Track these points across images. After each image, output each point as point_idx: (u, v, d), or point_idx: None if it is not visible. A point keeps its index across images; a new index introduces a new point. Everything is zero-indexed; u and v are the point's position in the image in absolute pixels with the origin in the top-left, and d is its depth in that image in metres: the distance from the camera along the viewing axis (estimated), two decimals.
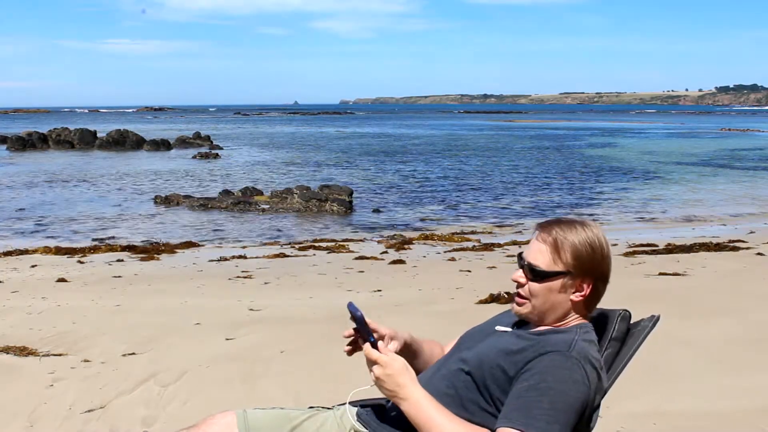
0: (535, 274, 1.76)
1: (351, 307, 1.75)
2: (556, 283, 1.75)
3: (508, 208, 15.58)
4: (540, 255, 1.76)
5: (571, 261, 1.74)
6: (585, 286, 1.76)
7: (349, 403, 1.97)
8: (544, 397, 1.58)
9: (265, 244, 11.18)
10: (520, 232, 12.22)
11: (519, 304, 1.81)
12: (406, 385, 1.66)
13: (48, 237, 11.79)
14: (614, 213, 14.82)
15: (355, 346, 1.84)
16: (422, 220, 13.91)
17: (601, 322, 1.88)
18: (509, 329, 1.86)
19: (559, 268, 1.74)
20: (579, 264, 1.74)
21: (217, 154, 30.25)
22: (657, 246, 9.62)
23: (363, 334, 1.73)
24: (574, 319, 1.80)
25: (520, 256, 1.83)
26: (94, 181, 20.57)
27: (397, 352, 1.80)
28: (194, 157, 29.36)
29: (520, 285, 1.80)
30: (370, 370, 1.70)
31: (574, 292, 1.76)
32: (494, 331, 1.87)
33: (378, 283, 7.19)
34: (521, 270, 1.80)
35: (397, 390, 1.66)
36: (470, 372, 1.74)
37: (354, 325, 1.77)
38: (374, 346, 1.71)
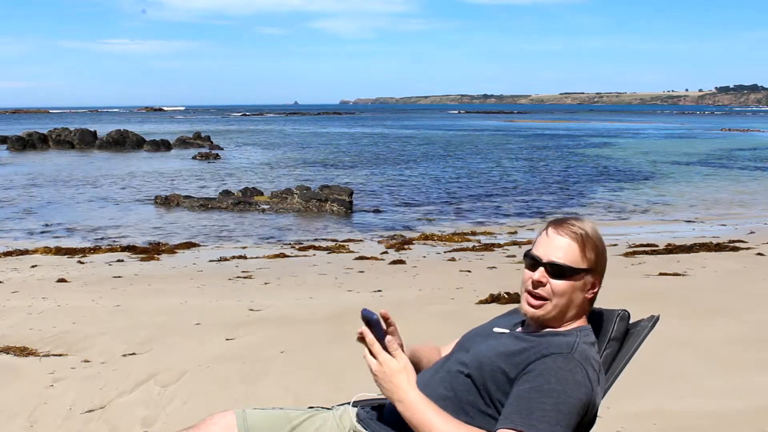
0: (562, 272, 1.72)
1: (366, 312, 1.69)
2: (580, 281, 1.74)
3: (508, 208, 15.57)
4: (566, 252, 1.73)
5: (593, 258, 1.74)
6: (597, 283, 1.78)
7: (350, 403, 1.97)
8: (546, 398, 1.57)
9: (265, 244, 11.19)
10: (517, 232, 12.21)
11: (536, 306, 1.75)
12: (401, 386, 1.64)
13: (48, 237, 11.79)
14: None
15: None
16: (422, 220, 13.90)
17: (600, 322, 1.88)
18: (507, 331, 1.85)
19: (585, 265, 1.73)
20: (597, 261, 1.76)
21: (217, 155, 30.22)
22: (657, 246, 9.62)
23: (377, 337, 1.69)
24: (578, 322, 1.80)
25: (533, 256, 1.77)
26: (94, 181, 20.56)
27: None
28: (194, 157, 29.33)
29: (540, 285, 1.74)
30: (370, 368, 1.68)
31: (588, 290, 1.77)
32: (492, 334, 1.86)
33: (378, 283, 7.19)
34: (542, 268, 1.74)
35: (393, 390, 1.65)
36: (470, 374, 1.73)
37: (364, 328, 1.71)
38: (383, 345, 1.68)
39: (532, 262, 1.77)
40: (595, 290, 1.78)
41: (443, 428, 1.59)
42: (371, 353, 1.68)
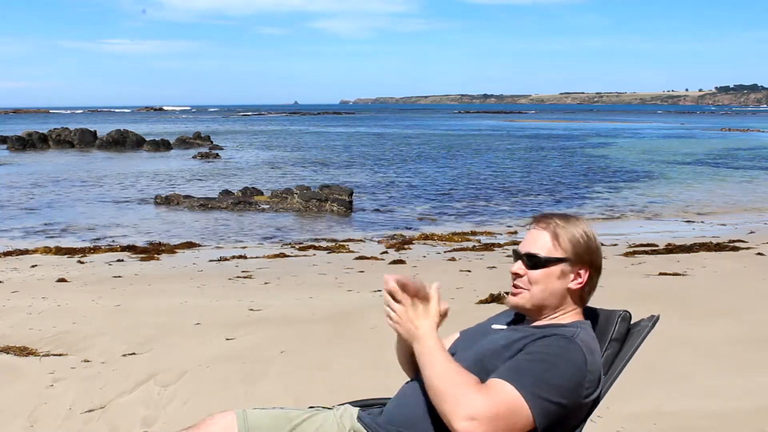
0: (535, 263, 1.80)
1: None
2: (556, 269, 1.79)
3: (508, 208, 15.58)
4: (539, 243, 1.81)
5: (570, 248, 1.79)
6: (582, 273, 1.80)
7: (350, 403, 1.97)
8: (537, 364, 1.62)
9: (265, 243, 11.19)
10: (518, 232, 12.21)
11: (515, 295, 1.84)
12: (422, 326, 1.69)
13: (48, 237, 11.79)
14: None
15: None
16: (422, 220, 13.91)
17: (601, 323, 1.89)
18: (505, 327, 1.89)
19: (559, 254, 1.79)
20: (576, 251, 1.79)
21: (217, 154, 30.24)
22: (657, 246, 9.62)
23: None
24: (572, 314, 1.82)
25: (514, 250, 1.88)
26: (94, 181, 20.57)
27: None
28: (194, 157, 29.35)
29: (518, 276, 1.83)
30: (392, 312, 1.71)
31: (572, 280, 1.80)
32: (491, 330, 1.89)
33: (378, 283, 7.15)
34: (519, 261, 1.83)
35: (414, 330, 1.69)
36: (469, 368, 1.74)
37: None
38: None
39: (514, 255, 1.88)
40: (579, 280, 1.80)
41: (438, 369, 1.62)
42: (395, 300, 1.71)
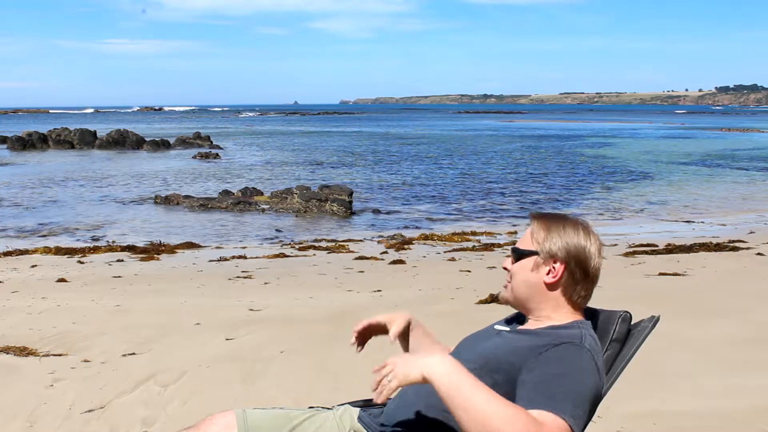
0: (516, 255, 1.85)
1: None
2: (529, 262, 1.81)
3: (508, 208, 15.58)
4: (523, 238, 1.86)
5: (542, 241, 1.80)
6: (557, 267, 1.78)
7: (350, 403, 1.97)
8: (565, 382, 1.58)
9: (265, 244, 11.19)
10: (518, 232, 12.21)
11: (505, 288, 1.88)
12: (431, 356, 1.56)
13: (48, 237, 11.79)
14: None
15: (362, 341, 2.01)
16: (422, 220, 13.91)
17: (601, 323, 1.88)
18: (509, 329, 1.87)
19: (532, 247, 1.81)
20: (548, 245, 1.79)
21: (217, 154, 30.23)
22: (657, 246, 9.62)
23: None
24: (566, 314, 1.80)
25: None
26: (94, 181, 20.57)
27: (400, 333, 2.05)
28: (194, 157, 29.34)
29: (507, 271, 1.88)
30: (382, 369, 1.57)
31: (547, 273, 1.79)
32: (495, 332, 1.88)
33: (378, 283, 7.19)
34: (510, 257, 1.89)
35: (422, 363, 1.54)
36: (474, 370, 1.73)
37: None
38: None
39: None
40: (554, 274, 1.78)
41: (488, 405, 1.47)
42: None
